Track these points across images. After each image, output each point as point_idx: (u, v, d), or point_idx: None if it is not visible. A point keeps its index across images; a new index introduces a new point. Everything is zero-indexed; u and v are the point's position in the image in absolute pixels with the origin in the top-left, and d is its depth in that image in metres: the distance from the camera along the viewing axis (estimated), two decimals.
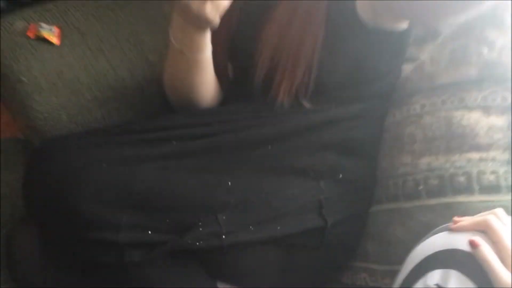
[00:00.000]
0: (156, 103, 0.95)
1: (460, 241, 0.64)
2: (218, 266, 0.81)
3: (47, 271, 0.80)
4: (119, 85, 0.92)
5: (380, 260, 0.81)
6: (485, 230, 0.64)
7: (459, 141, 0.76)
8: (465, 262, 0.63)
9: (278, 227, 0.77)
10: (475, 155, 0.75)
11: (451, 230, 0.65)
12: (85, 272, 0.77)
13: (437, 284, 0.65)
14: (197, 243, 0.73)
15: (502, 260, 0.61)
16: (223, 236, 0.74)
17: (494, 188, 0.73)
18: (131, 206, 0.70)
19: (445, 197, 0.75)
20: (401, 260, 0.76)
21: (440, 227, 0.66)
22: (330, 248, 0.83)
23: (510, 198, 0.72)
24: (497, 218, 0.64)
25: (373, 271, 0.83)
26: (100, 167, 0.70)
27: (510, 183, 0.73)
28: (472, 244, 0.63)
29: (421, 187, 0.77)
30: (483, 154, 0.74)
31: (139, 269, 0.73)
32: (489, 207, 0.72)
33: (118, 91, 0.92)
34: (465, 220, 0.65)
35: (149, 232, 0.71)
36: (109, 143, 0.75)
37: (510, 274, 0.60)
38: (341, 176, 0.81)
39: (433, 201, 0.76)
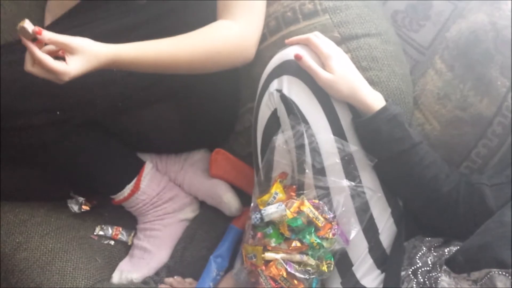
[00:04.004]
0: None
1: (288, 55, 0.84)
2: (127, 134, 1.00)
3: None
4: None
5: (252, 99, 0.98)
6: (307, 43, 0.84)
7: None
8: (294, 67, 0.82)
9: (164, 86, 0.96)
10: None
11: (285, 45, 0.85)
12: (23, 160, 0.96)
13: (276, 89, 0.85)
14: (99, 114, 0.92)
15: (323, 64, 0.81)
16: (120, 104, 0.93)
17: (313, 14, 0.93)
18: (38, 94, 0.87)
19: (281, 31, 0.96)
20: None
21: None
22: (215, 101, 1.03)
23: (326, 18, 0.93)
24: (315, 35, 0.84)
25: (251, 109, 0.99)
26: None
27: (324, 7, 0.93)
28: (297, 57, 0.82)
29: (265, 30, 0.97)
30: None
31: (58, 146, 0.92)
32: (312, 29, 0.92)
33: None
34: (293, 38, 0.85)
35: (57, 112, 0.89)
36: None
37: (328, 74, 0.80)
38: None
39: (274, 38, 0.97)
